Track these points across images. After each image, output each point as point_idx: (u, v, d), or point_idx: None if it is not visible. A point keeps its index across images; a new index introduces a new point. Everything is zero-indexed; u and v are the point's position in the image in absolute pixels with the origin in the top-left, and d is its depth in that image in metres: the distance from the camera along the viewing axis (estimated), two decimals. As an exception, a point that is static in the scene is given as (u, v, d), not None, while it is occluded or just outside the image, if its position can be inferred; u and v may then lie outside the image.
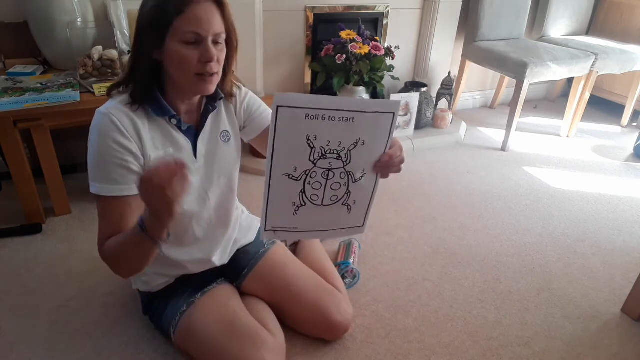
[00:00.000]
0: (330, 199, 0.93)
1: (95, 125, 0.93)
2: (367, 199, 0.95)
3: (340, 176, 0.91)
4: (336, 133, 0.85)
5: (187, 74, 0.92)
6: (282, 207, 0.94)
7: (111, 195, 0.94)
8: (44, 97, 1.49)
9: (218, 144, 1.08)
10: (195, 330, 1.08)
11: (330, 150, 0.88)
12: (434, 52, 2.56)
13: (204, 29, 0.88)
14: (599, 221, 1.88)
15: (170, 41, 0.89)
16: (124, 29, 1.82)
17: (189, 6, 0.87)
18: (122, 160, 0.93)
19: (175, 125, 1.00)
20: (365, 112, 0.85)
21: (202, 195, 1.09)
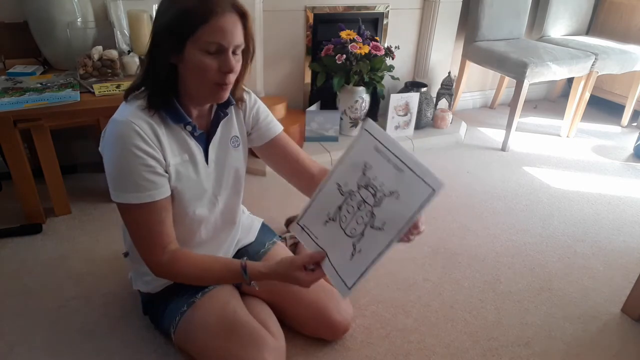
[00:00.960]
0: (350, 230, 0.95)
1: (114, 134, 0.91)
2: (370, 258, 0.92)
3: (365, 214, 0.93)
4: (384, 174, 0.91)
5: (204, 82, 0.92)
6: (320, 212, 0.99)
7: (144, 202, 0.93)
8: (44, 97, 1.49)
9: (228, 150, 1.09)
10: (196, 330, 1.08)
11: (372, 185, 0.92)
12: (434, 52, 2.56)
13: (226, 40, 0.88)
14: (599, 221, 1.88)
15: (191, 49, 0.88)
16: (124, 29, 1.82)
17: (214, 16, 0.86)
18: (149, 166, 0.93)
19: (189, 132, 1.01)
20: (414, 172, 0.91)
21: (212, 200, 1.10)
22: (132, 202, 0.93)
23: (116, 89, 1.58)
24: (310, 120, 2.28)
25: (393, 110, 2.35)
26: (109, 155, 0.93)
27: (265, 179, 2.07)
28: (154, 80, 0.93)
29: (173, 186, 0.99)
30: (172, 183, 0.99)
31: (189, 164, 1.02)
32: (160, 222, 0.96)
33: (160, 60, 0.91)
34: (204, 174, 1.05)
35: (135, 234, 0.98)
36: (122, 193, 0.93)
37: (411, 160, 0.91)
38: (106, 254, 1.53)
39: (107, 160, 0.94)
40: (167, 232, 0.98)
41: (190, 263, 0.99)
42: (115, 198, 0.95)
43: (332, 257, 0.96)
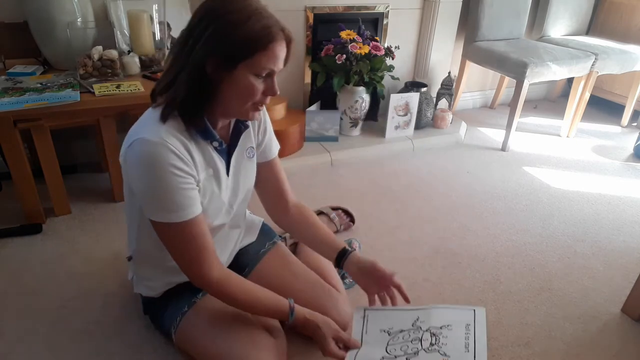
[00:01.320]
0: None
1: (149, 156, 0.89)
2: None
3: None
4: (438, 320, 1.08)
5: (246, 102, 0.93)
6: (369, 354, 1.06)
7: (188, 219, 0.94)
8: (44, 97, 1.49)
9: (244, 160, 1.11)
10: (197, 330, 1.07)
11: (428, 329, 1.06)
12: (434, 52, 2.56)
13: (277, 66, 0.91)
14: (599, 221, 1.88)
15: (244, 70, 0.89)
16: (124, 29, 1.82)
17: (273, 43, 0.88)
18: (188, 184, 0.93)
19: (214, 147, 1.01)
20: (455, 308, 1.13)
21: (228, 209, 1.11)
22: (175, 220, 0.93)
23: (116, 89, 1.58)
24: (310, 120, 2.28)
25: (393, 110, 2.35)
26: (145, 177, 0.91)
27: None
28: (193, 97, 0.91)
29: (200, 202, 0.99)
30: (200, 199, 0.99)
31: (213, 178, 1.03)
32: (203, 235, 0.97)
33: (202, 78, 0.90)
34: (224, 186, 1.06)
35: (180, 252, 0.97)
36: (165, 213, 0.92)
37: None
38: (106, 254, 1.53)
39: (142, 181, 0.92)
40: (209, 244, 0.98)
41: (242, 289, 1.02)
42: (157, 218, 0.93)
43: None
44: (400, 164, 2.28)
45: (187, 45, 0.89)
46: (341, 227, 1.70)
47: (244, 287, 1.03)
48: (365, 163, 2.27)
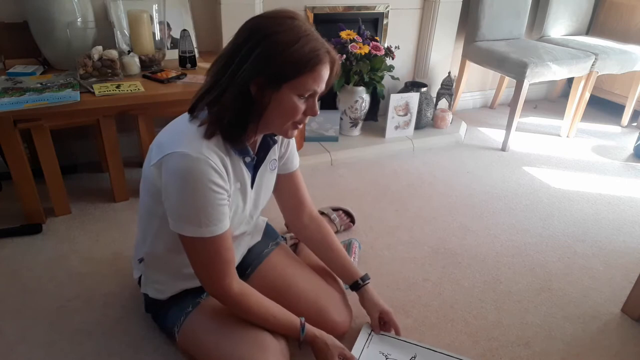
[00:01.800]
0: None
1: (190, 171, 0.88)
2: None
3: None
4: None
5: (286, 122, 0.94)
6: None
7: (219, 234, 0.94)
8: (44, 97, 1.49)
9: (267, 172, 1.12)
10: (200, 331, 1.07)
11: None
12: (434, 52, 2.56)
13: (320, 87, 0.92)
14: (599, 221, 1.88)
15: (288, 90, 0.89)
16: (124, 29, 1.82)
17: (318, 65, 0.89)
18: (223, 200, 0.94)
19: (244, 161, 1.02)
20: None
21: (248, 220, 1.14)
22: (206, 235, 0.93)
23: (116, 89, 1.58)
24: (311, 120, 2.28)
25: (393, 110, 2.35)
26: (182, 190, 0.90)
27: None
28: (237, 118, 0.91)
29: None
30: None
31: (239, 192, 1.04)
32: (229, 249, 0.98)
33: (249, 97, 0.89)
34: (248, 199, 1.07)
35: (205, 265, 0.98)
36: (197, 227, 0.92)
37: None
38: (106, 254, 1.53)
39: (178, 195, 0.91)
40: (233, 258, 1.00)
41: (259, 303, 1.04)
42: (187, 232, 0.93)
43: None
44: (400, 164, 2.28)
45: (233, 63, 0.88)
46: (341, 228, 1.70)
47: (261, 302, 1.05)
48: (365, 163, 2.27)
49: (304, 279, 1.24)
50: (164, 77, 1.70)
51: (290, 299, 1.19)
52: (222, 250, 0.96)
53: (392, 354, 1.19)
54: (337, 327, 1.20)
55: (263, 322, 1.06)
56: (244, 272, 1.24)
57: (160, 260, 1.12)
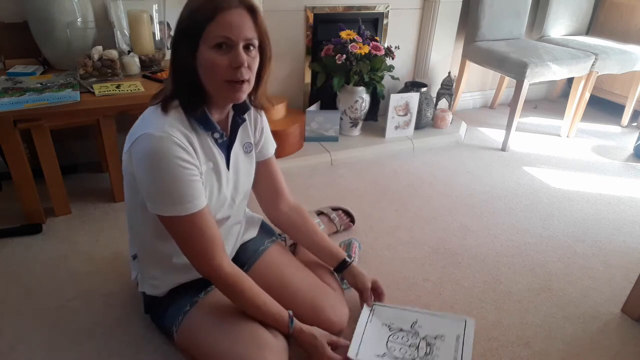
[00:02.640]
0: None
1: (155, 150, 0.90)
2: None
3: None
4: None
5: (217, 80, 0.92)
6: (372, 346, 1.18)
7: (197, 211, 0.95)
8: (44, 97, 1.49)
9: (242, 154, 1.13)
10: (198, 330, 1.07)
11: (423, 337, 1.21)
12: (434, 52, 2.56)
13: (234, 34, 0.89)
14: (599, 221, 1.88)
15: (203, 48, 0.89)
16: (124, 29, 1.82)
17: (220, 13, 0.88)
18: (194, 176, 0.94)
19: (214, 139, 1.02)
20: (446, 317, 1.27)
21: (230, 203, 1.13)
22: (183, 213, 0.93)
23: (116, 89, 1.58)
24: (310, 120, 2.28)
25: (393, 110, 2.35)
26: (151, 171, 0.91)
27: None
28: (181, 87, 0.94)
29: None
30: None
31: (213, 172, 1.04)
32: (211, 226, 0.98)
33: (182, 65, 0.92)
34: (225, 180, 1.07)
35: (189, 244, 0.98)
36: (173, 206, 0.93)
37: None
38: (106, 254, 1.53)
39: (149, 176, 0.92)
40: (217, 235, 1.00)
41: (252, 288, 1.04)
42: (164, 213, 0.94)
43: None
44: (400, 164, 2.28)
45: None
46: (341, 228, 1.70)
47: (253, 287, 1.05)
48: (365, 163, 2.27)
49: (301, 277, 1.24)
50: (164, 77, 1.70)
51: (286, 297, 1.19)
52: (203, 227, 0.96)
53: (395, 323, 1.24)
54: (333, 326, 1.19)
55: (254, 308, 1.05)
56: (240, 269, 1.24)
57: (150, 252, 1.12)
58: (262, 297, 1.06)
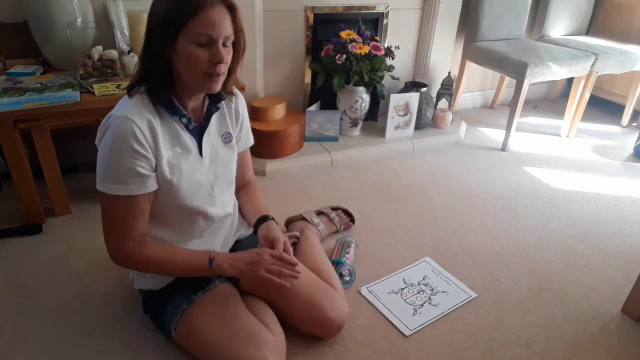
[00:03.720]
0: (410, 301, 1.41)
1: (112, 129, 0.95)
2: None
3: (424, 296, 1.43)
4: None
5: (196, 73, 0.95)
6: (385, 287, 1.46)
7: (121, 195, 0.97)
8: (44, 97, 1.49)
9: (220, 145, 1.14)
10: (197, 328, 1.08)
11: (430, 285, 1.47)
12: (434, 52, 2.56)
13: (216, 32, 0.92)
14: (599, 221, 1.88)
15: (182, 41, 0.92)
16: (124, 29, 1.82)
17: (203, 9, 0.90)
18: (135, 164, 0.96)
19: (183, 124, 1.04)
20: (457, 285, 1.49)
21: (209, 191, 1.13)
22: (112, 193, 0.97)
23: (116, 89, 1.58)
24: (310, 120, 2.28)
25: (393, 110, 2.35)
26: (102, 147, 0.97)
27: (265, 179, 2.08)
28: (150, 74, 0.97)
29: (168, 179, 1.03)
30: (167, 176, 1.02)
31: (181, 156, 1.05)
32: (133, 217, 1.01)
33: (154, 54, 0.95)
34: (197, 166, 1.08)
35: (108, 223, 1.03)
36: (106, 183, 0.97)
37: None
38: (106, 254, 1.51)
39: (100, 151, 0.98)
40: (138, 228, 1.02)
41: (158, 249, 1.05)
42: (99, 187, 0.98)
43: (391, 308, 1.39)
44: (400, 164, 2.28)
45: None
46: (341, 227, 1.70)
47: (160, 248, 1.06)
48: (365, 163, 2.27)
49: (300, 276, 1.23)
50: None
51: (284, 295, 1.19)
52: (125, 212, 1.00)
53: (410, 279, 1.48)
54: (332, 323, 1.20)
55: (166, 265, 1.06)
56: None
57: None
58: (171, 250, 1.07)
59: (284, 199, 1.91)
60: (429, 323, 1.32)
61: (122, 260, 1.05)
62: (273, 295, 1.21)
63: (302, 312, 1.18)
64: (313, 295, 1.20)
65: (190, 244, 1.15)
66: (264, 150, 2.09)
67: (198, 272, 1.08)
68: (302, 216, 1.64)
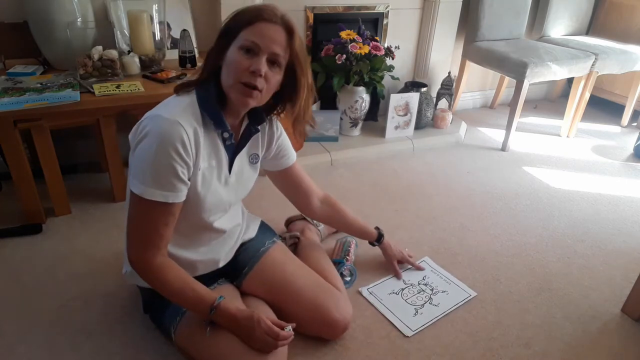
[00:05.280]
0: (411, 301, 1.42)
1: (159, 130, 0.92)
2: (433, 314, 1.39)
3: (425, 296, 1.44)
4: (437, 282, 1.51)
5: (233, 78, 0.95)
6: (386, 288, 1.46)
7: (158, 201, 0.95)
8: (44, 97, 1.49)
9: (247, 164, 1.15)
10: (197, 330, 1.07)
11: (429, 285, 1.49)
12: (434, 52, 2.56)
13: (263, 42, 0.93)
14: (599, 221, 1.88)
15: (232, 47, 0.94)
16: (124, 29, 1.82)
17: (259, 21, 0.93)
18: (178, 172, 0.95)
19: (223, 139, 1.04)
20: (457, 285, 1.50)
21: (225, 208, 1.14)
22: (149, 197, 0.94)
23: (116, 89, 1.58)
24: (310, 120, 2.28)
25: (393, 110, 2.35)
26: (146, 147, 0.93)
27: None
28: (205, 81, 0.99)
29: (198, 192, 1.02)
30: (198, 189, 1.02)
31: (215, 170, 1.05)
32: (165, 225, 0.98)
33: (212, 62, 0.98)
34: (224, 182, 1.09)
35: (136, 228, 0.99)
36: (142, 185, 0.94)
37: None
38: (106, 254, 1.53)
39: (141, 151, 0.94)
40: (167, 236, 1.00)
41: (177, 280, 1.01)
42: (136, 189, 0.95)
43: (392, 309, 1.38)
44: (400, 164, 2.28)
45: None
46: (341, 227, 1.70)
47: (179, 274, 1.02)
48: (365, 163, 2.27)
49: (303, 276, 1.24)
50: (164, 77, 1.70)
51: (288, 297, 1.20)
52: (157, 219, 0.97)
53: (410, 279, 1.49)
54: (337, 325, 1.20)
55: (171, 293, 1.02)
56: (241, 270, 1.24)
57: None
58: (190, 284, 1.02)
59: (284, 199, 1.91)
60: (430, 323, 1.32)
61: (141, 269, 1.01)
62: (277, 297, 1.21)
63: (307, 314, 1.18)
64: (318, 297, 1.20)
65: (198, 251, 1.15)
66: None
67: (197, 312, 1.05)
68: (302, 216, 1.64)
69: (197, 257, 1.15)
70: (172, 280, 1.01)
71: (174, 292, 1.01)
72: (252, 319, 1.02)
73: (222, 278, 1.21)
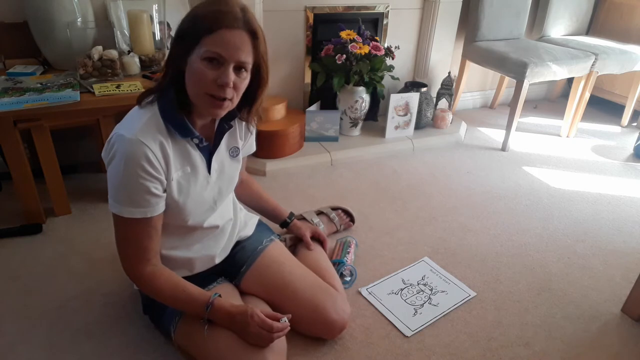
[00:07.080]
0: (410, 301, 1.42)
1: (123, 151, 0.91)
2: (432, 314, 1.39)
3: (424, 296, 1.44)
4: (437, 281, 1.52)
5: (199, 91, 0.92)
6: (385, 288, 1.46)
7: (136, 218, 0.96)
8: (44, 97, 1.49)
9: (227, 159, 1.13)
10: (196, 329, 1.07)
11: (429, 285, 1.48)
12: (434, 52, 2.56)
13: (228, 53, 0.89)
14: (599, 221, 1.88)
15: (195, 56, 0.90)
16: (124, 29, 1.82)
17: (221, 29, 0.88)
18: (150, 187, 0.95)
19: (194, 144, 1.03)
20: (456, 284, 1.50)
21: (212, 206, 1.13)
22: (125, 215, 0.96)
23: (116, 89, 1.58)
24: (310, 120, 2.28)
25: (393, 110, 2.35)
26: (114, 169, 0.94)
27: (265, 179, 2.08)
28: (166, 88, 0.96)
29: (175, 200, 1.02)
30: (175, 197, 1.02)
31: (191, 175, 1.04)
32: (148, 238, 1.00)
33: (172, 67, 0.94)
34: (204, 184, 1.08)
35: (122, 244, 1.01)
36: (119, 205, 0.96)
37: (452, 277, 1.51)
38: (106, 254, 1.53)
39: (111, 173, 0.95)
40: (153, 247, 1.01)
41: (168, 286, 1.03)
42: (113, 209, 0.97)
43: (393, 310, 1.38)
44: (400, 164, 2.28)
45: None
46: (341, 227, 1.70)
47: (171, 280, 1.04)
48: (365, 163, 2.27)
49: (300, 276, 1.24)
50: (164, 77, 1.70)
51: (286, 297, 1.20)
52: (139, 234, 0.98)
53: (409, 279, 1.48)
54: (335, 325, 1.20)
55: (174, 299, 1.03)
56: (239, 269, 1.24)
57: None
58: (181, 286, 1.04)
59: (284, 199, 1.91)
60: (430, 323, 1.32)
61: (134, 280, 1.05)
62: (275, 296, 1.21)
63: (305, 313, 1.18)
64: (316, 297, 1.20)
65: (193, 249, 1.15)
66: (264, 150, 2.09)
67: (193, 312, 1.06)
68: (302, 216, 1.64)
69: (192, 255, 1.15)
70: (163, 286, 1.02)
71: (167, 297, 1.03)
72: (245, 313, 1.02)
73: (221, 277, 1.21)
